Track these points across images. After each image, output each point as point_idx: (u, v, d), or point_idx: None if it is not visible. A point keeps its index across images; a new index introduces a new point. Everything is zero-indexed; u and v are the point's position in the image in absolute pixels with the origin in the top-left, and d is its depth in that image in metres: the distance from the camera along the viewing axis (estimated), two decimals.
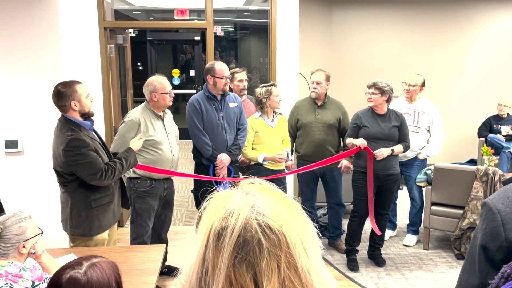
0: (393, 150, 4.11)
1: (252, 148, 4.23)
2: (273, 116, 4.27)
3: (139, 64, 10.66)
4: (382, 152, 4.07)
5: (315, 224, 0.91)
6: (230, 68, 4.17)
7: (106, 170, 3.00)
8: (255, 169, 4.22)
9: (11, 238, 2.23)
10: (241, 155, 4.38)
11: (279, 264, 0.81)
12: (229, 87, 4.12)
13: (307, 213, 0.91)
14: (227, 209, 0.84)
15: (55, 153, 3.04)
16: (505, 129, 6.52)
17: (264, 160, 4.16)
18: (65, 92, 2.98)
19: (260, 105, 4.22)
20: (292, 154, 4.53)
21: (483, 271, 1.34)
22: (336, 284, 0.93)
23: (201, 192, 4.06)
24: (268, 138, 4.19)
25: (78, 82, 3.07)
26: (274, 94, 4.16)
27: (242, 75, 4.55)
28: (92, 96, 3.16)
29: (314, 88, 4.43)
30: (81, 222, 3.08)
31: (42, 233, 2.40)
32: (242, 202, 0.84)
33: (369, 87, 4.15)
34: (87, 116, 3.08)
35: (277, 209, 0.85)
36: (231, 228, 0.81)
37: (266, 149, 4.19)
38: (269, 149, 4.19)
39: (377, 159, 4.07)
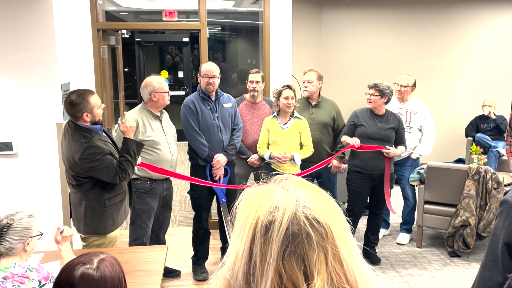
0: (401, 152, 4.26)
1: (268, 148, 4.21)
2: (289, 118, 4.18)
3: (123, 65, 10.58)
4: (390, 150, 4.13)
5: (347, 219, 0.94)
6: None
7: (120, 173, 3.06)
8: (265, 170, 4.22)
9: (21, 231, 2.26)
10: (252, 157, 4.41)
11: (326, 256, 0.83)
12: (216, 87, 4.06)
13: None
14: (271, 204, 0.85)
15: (69, 159, 3.06)
16: (488, 109, 6.66)
17: (270, 158, 4.13)
18: (79, 103, 3.00)
19: (276, 106, 4.22)
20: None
21: (506, 268, 1.36)
22: (375, 277, 0.96)
23: (198, 194, 4.07)
24: (277, 140, 4.14)
25: (92, 93, 3.09)
26: (283, 96, 4.11)
27: (254, 76, 4.50)
28: (103, 105, 3.20)
29: (306, 87, 4.47)
30: (95, 221, 3.12)
31: (41, 234, 2.40)
32: (286, 197, 0.86)
33: (370, 87, 4.18)
34: (96, 123, 3.10)
35: (320, 202, 0.87)
36: (279, 222, 0.83)
37: (277, 150, 4.14)
38: (279, 150, 4.12)
39: (388, 155, 4.13)
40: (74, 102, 3.00)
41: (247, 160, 4.45)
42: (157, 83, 3.69)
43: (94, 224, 3.13)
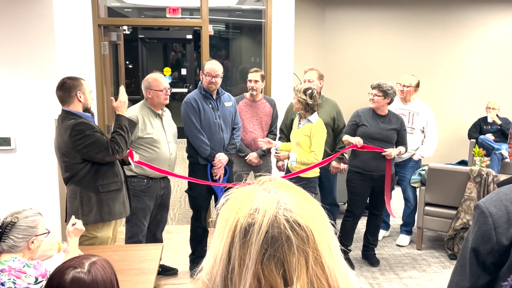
0: (400, 152, 4.19)
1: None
2: (304, 120, 3.99)
3: (127, 62, 10.60)
4: (390, 152, 4.08)
5: (332, 222, 0.91)
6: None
7: (112, 145, 3.05)
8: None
9: (24, 230, 2.26)
10: (250, 156, 4.41)
11: (307, 261, 0.80)
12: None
13: None
14: (252, 206, 0.83)
15: (60, 145, 3.05)
16: (491, 116, 6.59)
17: (277, 153, 4.16)
18: (71, 83, 3.07)
19: None
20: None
21: (474, 274, 1.33)
22: (359, 282, 0.93)
23: (197, 193, 4.03)
24: (292, 138, 4.12)
25: (83, 79, 3.17)
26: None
27: (252, 75, 4.47)
28: (93, 96, 3.23)
29: None
30: (91, 208, 3.10)
31: (49, 232, 2.40)
32: (267, 199, 0.83)
33: (373, 88, 4.12)
34: (87, 111, 3.11)
35: (302, 205, 0.84)
36: (259, 225, 0.80)
37: (286, 147, 4.17)
38: (287, 148, 4.15)
39: (389, 157, 4.09)
40: (67, 83, 3.07)
41: (245, 158, 4.43)
42: (153, 80, 3.65)
43: (90, 212, 3.11)
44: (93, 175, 3.09)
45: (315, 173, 4.04)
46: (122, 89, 3.32)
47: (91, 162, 3.07)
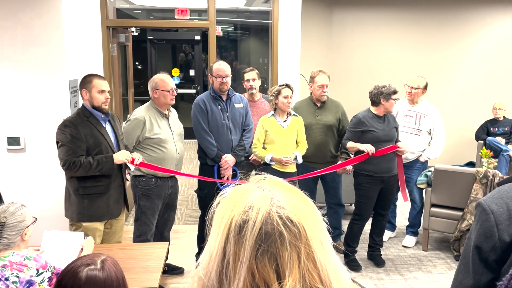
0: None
1: (263, 148, 4.17)
2: (287, 116, 4.16)
3: (136, 63, 10.67)
4: (404, 149, 4.16)
5: (325, 219, 0.93)
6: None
7: (71, 164, 3.12)
8: (262, 170, 4.18)
9: (16, 225, 2.31)
10: (253, 154, 4.40)
11: (299, 256, 0.83)
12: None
13: None
14: (246, 203, 0.86)
15: None
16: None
17: (271, 161, 4.10)
18: (84, 80, 3.26)
19: (273, 104, 4.18)
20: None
21: (477, 272, 1.35)
22: (349, 276, 0.95)
23: (206, 193, 4.04)
24: (278, 139, 4.10)
25: (100, 77, 3.31)
26: (283, 95, 4.06)
27: (249, 74, 4.55)
28: (108, 95, 3.30)
29: (324, 92, 4.39)
30: (70, 206, 3.26)
31: (36, 220, 2.44)
32: (261, 196, 0.86)
33: (395, 93, 4.15)
34: (98, 110, 3.23)
35: (295, 202, 0.87)
36: (253, 221, 0.83)
37: (275, 149, 4.10)
38: (278, 150, 4.10)
39: (401, 154, 4.17)
40: (82, 79, 3.27)
41: (249, 158, 4.43)
42: (159, 80, 3.69)
43: (68, 209, 3.30)
44: (77, 176, 3.22)
45: (293, 168, 4.21)
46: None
47: None
